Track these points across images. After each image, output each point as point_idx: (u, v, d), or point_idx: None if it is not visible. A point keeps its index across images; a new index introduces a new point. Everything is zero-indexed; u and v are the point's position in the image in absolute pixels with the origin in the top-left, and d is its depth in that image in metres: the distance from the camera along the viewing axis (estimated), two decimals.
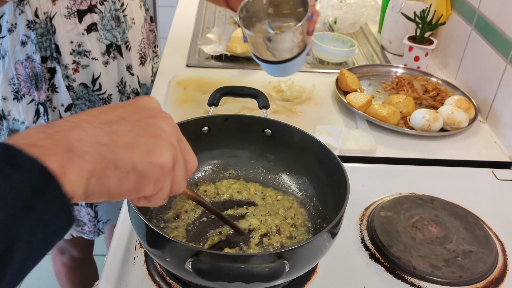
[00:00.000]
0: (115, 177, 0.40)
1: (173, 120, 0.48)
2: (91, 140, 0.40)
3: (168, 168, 0.44)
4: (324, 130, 1.07)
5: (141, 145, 0.42)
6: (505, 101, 1.14)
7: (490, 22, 1.20)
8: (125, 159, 0.41)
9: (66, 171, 0.37)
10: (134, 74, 1.18)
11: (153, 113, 0.47)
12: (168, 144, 0.45)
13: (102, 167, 0.39)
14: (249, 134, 0.87)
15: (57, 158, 0.37)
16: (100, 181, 0.39)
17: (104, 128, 0.42)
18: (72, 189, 0.37)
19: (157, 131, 0.45)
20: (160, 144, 0.44)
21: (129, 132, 0.43)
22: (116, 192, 0.41)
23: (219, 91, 0.95)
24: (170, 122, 0.47)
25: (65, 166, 0.37)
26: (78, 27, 1.04)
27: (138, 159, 0.42)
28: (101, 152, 0.40)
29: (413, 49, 1.39)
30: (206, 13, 1.79)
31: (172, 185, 0.46)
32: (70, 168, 0.37)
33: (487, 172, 1.03)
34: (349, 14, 1.60)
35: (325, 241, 0.65)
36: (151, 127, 0.45)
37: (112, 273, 0.73)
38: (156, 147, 0.43)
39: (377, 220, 0.84)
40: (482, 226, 0.85)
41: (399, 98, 1.19)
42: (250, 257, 0.59)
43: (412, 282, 0.75)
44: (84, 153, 0.38)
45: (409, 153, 1.07)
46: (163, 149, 0.44)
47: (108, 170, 0.40)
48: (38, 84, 1.06)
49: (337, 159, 0.76)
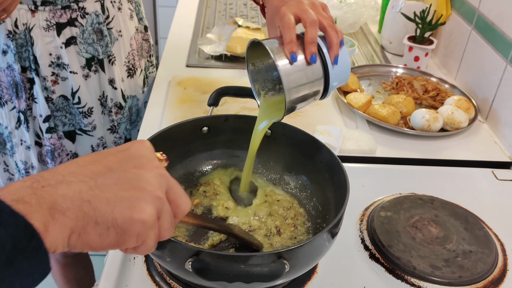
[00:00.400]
0: (96, 232, 0.41)
1: (163, 168, 0.48)
2: (74, 196, 0.41)
3: (150, 223, 0.44)
4: (324, 130, 1.07)
5: (123, 200, 0.43)
6: (505, 101, 1.14)
7: (490, 22, 1.20)
8: (106, 215, 0.42)
9: (48, 228, 0.38)
10: (117, 88, 1.14)
11: (141, 162, 0.46)
12: (152, 197, 0.44)
13: (83, 224, 0.41)
14: (249, 134, 0.87)
15: (40, 215, 0.38)
16: (80, 236, 0.41)
17: (89, 183, 0.43)
18: (53, 245, 0.39)
19: (142, 183, 0.45)
20: (143, 198, 0.44)
21: (114, 185, 0.43)
22: (97, 247, 0.42)
23: (219, 91, 0.95)
24: (157, 172, 0.46)
25: (47, 223, 0.38)
26: (56, 40, 1.02)
27: (119, 215, 0.42)
28: (83, 208, 0.41)
29: (413, 49, 1.39)
30: (206, 13, 1.79)
31: (158, 235, 0.46)
32: (52, 225, 0.39)
33: (487, 172, 1.03)
34: (349, 14, 1.60)
35: (325, 241, 0.65)
36: (136, 180, 0.45)
37: (112, 273, 0.73)
38: (138, 202, 0.43)
39: (377, 220, 0.84)
40: (482, 226, 0.85)
41: (399, 98, 1.19)
42: (250, 257, 0.59)
43: (412, 282, 0.75)
44: (66, 210, 0.40)
45: (409, 153, 1.07)
46: (145, 204, 0.44)
47: (89, 226, 0.41)
48: (19, 93, 1.06)
49: (337, 159, 0.76)
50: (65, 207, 0.40)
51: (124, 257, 0.76)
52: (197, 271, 0.57)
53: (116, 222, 0.42)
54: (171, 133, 0.80)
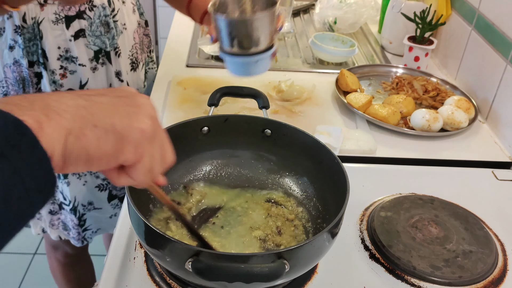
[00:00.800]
0: (94, 135, 0.39)
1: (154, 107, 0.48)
2: (69, 102, 0.39)
3: (148, 134, 0.43)
4: (324, 130, 1.07)
5: (121, 111, 0.42)
6: (505, 101, 1.14)
7: (490, 22, 1.20)
8: (104, 119, 0.40)
9: (43, 127, 0.36)
10: (123, 80, 1.16)
11: (132, 92, 0.47)
12: (148, 114, 0.44)
13: (80, 125, 0.39)
14: (249, 134, 0.87)
15: (33, 114, 0.36)
16: (78, 139, 0.38)
17: (83, 96, 0.41)
18: (49, 145, 0.36)
19: (138, 103, 0.44)
20: (141, 113, 0.43)
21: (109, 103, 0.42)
22: (95, 154, 0.40)
23: (219, 91, 0.95)
24: (149, 102, 0.46)
25: (41, 122, 0.36)
26: (66, 33, 1.03)
27: (118, 121, 0.41)
28: (79, 112, 0.39)
29: (413, 49, 1.39)
30: None
31: (152, 162, 0.45)
32: (47, 123, 0.36)
33: (487, 172, 1.03)
34: (349, 14, 1.60)
35: (325, 241, 0.65)
36: (131, 101, 0.44)
37: (112, 273, 0.73)
38: (136, 114, 0.43)
39: (377, 220, 0.84)
40: (482, 226, 0.85)
41: (399, 98, 1.19)
42: (250, 257, 0.59)
43: (412, 282, 0.75)
44: (62, 112, 0.38)
45: (409, 153, 1.07)
46: (142, 116, 0.43)
47: (87, 128, 0.39)
48: (26, 88, 1.06)
49: (337, 159, 0.76)
50: (61, 109, 0.38)
51: (124, 257, 0.76)
52: (197, 271, 0.57)
53: (115, 127, 0.41)
54: (171, 133, 0.79)
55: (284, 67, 1.41)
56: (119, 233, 0.81)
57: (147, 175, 0.45)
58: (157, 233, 0.60)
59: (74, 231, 1.23)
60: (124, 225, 0.82)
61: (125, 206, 0.85)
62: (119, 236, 0.80)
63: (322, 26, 1.65)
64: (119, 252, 0.77)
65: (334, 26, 1.62)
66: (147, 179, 0.46)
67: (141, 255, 0.77)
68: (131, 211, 0.65)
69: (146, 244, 0.64)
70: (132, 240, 0.79)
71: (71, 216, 1.21)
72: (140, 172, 0.44)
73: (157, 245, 0.62)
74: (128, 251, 0.77)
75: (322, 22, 1.64)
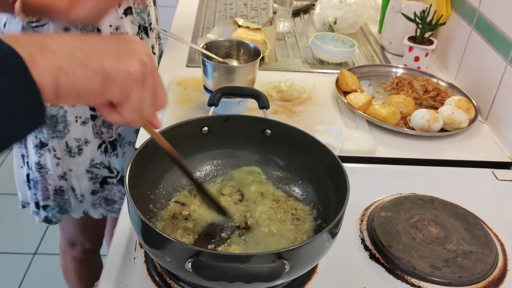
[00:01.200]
0: (83, 74, 0.43)
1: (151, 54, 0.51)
2: (65, 43, 0.43)
3: (135, 76, 0.46)
4: (324, 130, 1.07)
5: (112, 53, 0.46)
6: (505, 101, 1.14)
7: (490, 22, 1.20)
8: (95, 60, 0.44)
9: (36, 61, 0.40)
10: (155, 53, 1.28)
11: (132, 39, 0.50)
12: (139, 59, 0.47)
13: (71, 63, 0.43)
14: (249, 134, 0.87)
15: (28, 49, 0.40)
16: (68, 76, 0.42)
17: (80, 38, 0.45)
18: (40, 79, 0.40)
19: (131, 49, 0.48)
20: (131, 56, 0.47)
21: (103, 45, 0.46)
22: (84, 91, 0.44)
23: (219, 91, 0.95)
24: (146, 49, 0.49)
25: (35, 57, 0.40)
26: (118, 11, 1.12)
27: (107, 61, 0.45)
28: (73, 52, 0.43)
29: (413, 49, 1.39)
30: (206, 13, 1.79)
31: (141, 101, 0.48)
32: (40, 59, 0.40)
33: (487, 172, 1.03)
34: (349, 14, 1.60)
35: (325, 241, 0.65)
36: (126, 45, 0.48)
37: (112, 273, 0.73)
38: (126, 57, 0.46)
39: (377, 220, 0.84)
40: (482, 226, 0.85)
41: (399, 98, 1.19)
42: (250, 257, 0.59)
43: (412, 283, 0.75)
44: (56, 50, 0.42)
45: (409, 153, 1.07)
46: (132, 60, 0.46)
47: (77, 67, 0.43)
48: None
49: (337, 159, 0.76)
50: (56, 48, 0.42)
51: (124, 257, 0.76)
52: (197, 271, 0.57)
53: (103, 67, 0.44)
54: (171, 133, 0.80)
55: (284, 67, 1.42)
56: (119, 233, 0.81)
57: (136, 114, 0.49)
58: (157, 233, 0.60)
59: (120, 201, 1.28)
60: (124, 225, 0.82)
61: (125, 206, 0.85)
62: (119, 236, 0.80)
63: (322, 26, 1.65)
64: (119, 252, 0.77)
65: (334, 26, 1.62)
66: (136, 118, 0.50)
67: (141, 255, 0.77)
68: (131, 211, 0.65)
69: (146, 244, 0.64)
70: (132, 240, 0.79)
71: (118, 188, 1.26)
72: (127, 110, 0.48)
73: (157, 245, 0.62)
74: (128, 251, 0.77)
75: (322, 22, 1.64)
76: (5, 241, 2.19)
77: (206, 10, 1.81)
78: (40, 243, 2.18)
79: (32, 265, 2.08)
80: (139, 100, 0.48)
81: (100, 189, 1.26)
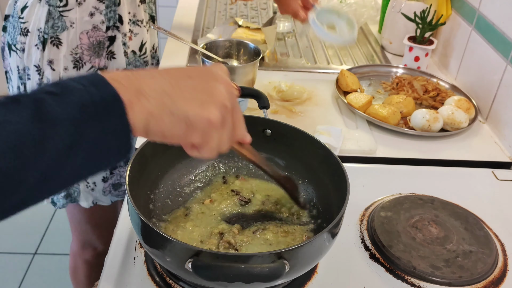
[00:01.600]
0: (170, 121, 0.49)
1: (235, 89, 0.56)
2: (158, 88, 0.49)
3: (214, 124, 0.51)
4: (324, 130, 1.07)
5: (197, 100, 0.51)
6: (505, 101, 1.14)
7: (490, 22, 1.20)
8: (181, 108, 0.49)
9: (132, 105, 0.46)
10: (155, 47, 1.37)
11: (218, 78, 0.54)
12: (220, 104, 0.52)
13: (160, 112, 0.48)
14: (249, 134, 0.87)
15: (128, 94, 0.46)
16: (157, 122, 0.48)
17: (171, 81, 0.51)
18: (134, 121, 0.46)
19: (215, 92, 0.52)
20: (213, 102, 0.51)
21: (191, 88, 0.51)
22: (168, 134, 0.50)
23: None
24: (229, 89, 0.54)
25: (132, 101, 0.46)
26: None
27: (191, 110, 0.50)
28: (163, 99, 0.49)
29: (413, 49, 1.39)
30: (206, 13, 1.79)
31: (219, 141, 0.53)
32: (136, 104, 0.47)
33: (487, 172, 1.03)
34: (349, 14, 1.60)
35: (325, 241, 0.65)
36: (211, 88, 0.52)
37: (112, 273, 0.73)
38: (208, 105, 0.51)
39: (377, 220, 0.84)
40: (482, 226, 0.85)
41: (399, 98, 1.19)
42: (250, 257, 0.59)
43: (412, 282, 0.75)
44: (149, 96, 0.48)
45: (409, 153, 1.07)
46: (214, 107, 0.51)
47: (165, 114, 0.49)
48: (100, 51, 1.17)
49: (337, 159, 0.76)
50: (149, 94, 0.48)
51: (124, 257, 0.76)
52: (197, 271, 0.57)
53: (187, 116, 0.50)
54: None
55: (284, 67, 1.42)
56: (119, 233, 0.81)
57: (213, 153, 0.55)
58: (157, 233, 0.60)
59: None
60: (124, 225, 0.82)
61: (125, 206, 0.85)
62: (119, 236, 0.80)
63: None
64: (119, 252, 0.77)
65: None
66: (214, 155, 0.55)
67: (141, 255, 0.77)
68: (131, 211, 0.65)
69: (146, 244, 0.64)
70: (132, 240, 0.79)
71: (123, 169, 1.30)
72: (206, 151, 0.54)
73: (157, 245, 0.62)
74: (128, 251, 0.77)
75: None
76: (5, 241, 2.19)
77: (206, 10, 1.81)
78: (40, 243, 2.18)
79: (32, 265, 2.08)
80: (217, 143, 0.53)
81: (110, 175, 1.29)
